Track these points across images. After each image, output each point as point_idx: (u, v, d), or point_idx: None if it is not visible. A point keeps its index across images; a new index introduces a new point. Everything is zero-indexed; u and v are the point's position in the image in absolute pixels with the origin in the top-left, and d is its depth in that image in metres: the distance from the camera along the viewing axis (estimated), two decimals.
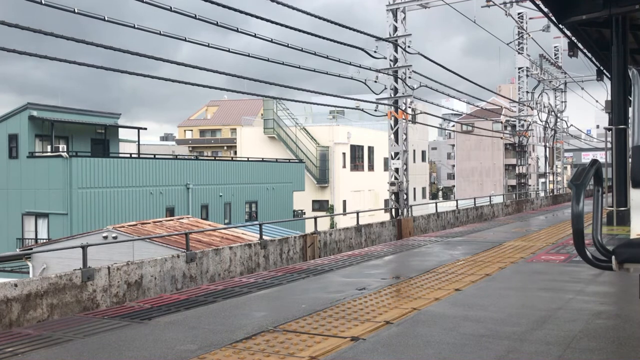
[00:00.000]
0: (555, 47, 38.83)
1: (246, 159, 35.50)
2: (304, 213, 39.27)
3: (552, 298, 6.48)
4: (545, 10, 14.53)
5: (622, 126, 14.51)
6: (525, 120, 32.59)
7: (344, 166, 42.10)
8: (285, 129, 42.01)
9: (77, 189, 24.50)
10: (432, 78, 18.50)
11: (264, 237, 11.29)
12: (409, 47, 17.37)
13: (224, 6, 10.72)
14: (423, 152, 54.77)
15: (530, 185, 33.90)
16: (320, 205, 40.82)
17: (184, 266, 9.12)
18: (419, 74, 17.81)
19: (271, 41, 12.41)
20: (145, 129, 33.96)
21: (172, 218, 19.41)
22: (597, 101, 39.98)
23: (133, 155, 29.92)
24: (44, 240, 23.93)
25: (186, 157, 38.14)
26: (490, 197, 24.57)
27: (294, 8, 12.05)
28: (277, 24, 12.01)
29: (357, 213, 14.82)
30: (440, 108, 49.73)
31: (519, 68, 31.75)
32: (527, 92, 32.42)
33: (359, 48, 15.60)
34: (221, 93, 71.64)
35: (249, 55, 12.42)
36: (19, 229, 26.48)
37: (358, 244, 13.94)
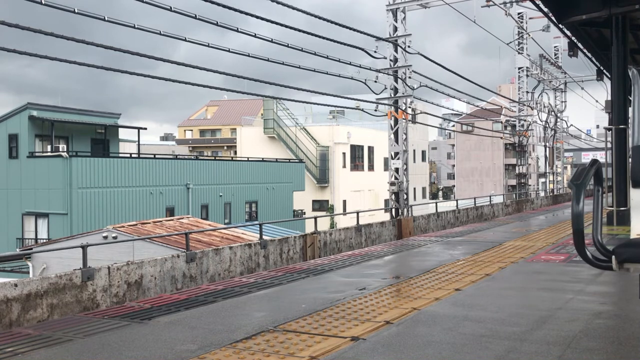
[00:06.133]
0: (555, 47, 38.84)
1: (246, 159, 35.50)
2: (304, 213, 39.27)
3: (552, 298, 6.48)
4: (545, 10, 14.52)
5: (622, 126, 14.51)
6: (525, 120, 32.58)
7: (344, 166, 42.10)
8: (285, 129, 42.00)
9: (77, 189, 24.50)
10: (432, 78, 18.53)
11: (264, 237, 11.30)
12: (408, 47, 17.38)
13: (223, 6, 10.72)
14: (423, 152, 54.78)
15: (530, 185, 33.89)
16: (320, 205, 40.81)
17: (184, 266, 9.12)
18: (419, 73, 17.83)
19: (271, 41, 12.41)
20: (145, 128, 33.99)
21: (172, 218, 19.41)
22: (597, 101, 40.02)
23: (133, 155, 29.91)
24: (44, 240, 23.92)
25: (186, 157, 38.14)
26: (490, 197, 24.57)
27: (293, 8, 12.05)
28: (276, 23, 12.01)
29: (357, 213, 14.82)
30: (440, 108, 49.75)
31: (519, 68, 31.75)
32: (527, 92, 32.40)
33: (359, 48, 15.61)
34: (221, 93, 71.71)
35: (248, 55, 12.43)
36: (19, 229, 26.48)
37: (358, 244, 13.94)
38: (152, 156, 30.18)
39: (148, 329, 5.43)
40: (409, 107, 18.52)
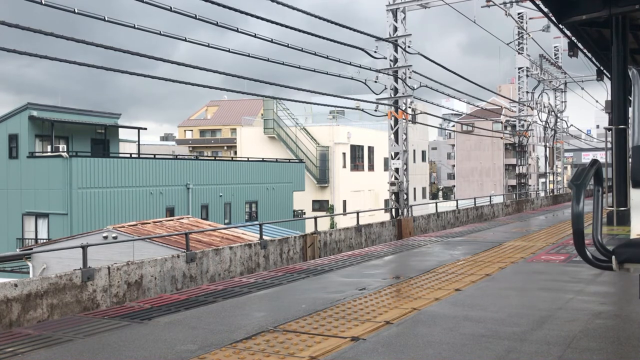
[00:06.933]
0: (555, 47, 38.85)
1: (246, 159, 35.50)
2: (304, 213, 39.27)
3: (552, 298, 6.48)
4: (545, 10, 14.53)
5: (622, 126, 14.51)
6: (525, 120, 32.59)
7: (344, 166, 42.10)
8: (285, 129, 42.01)
9: (77, 189, 24.51)
10: (432, 78, 18.53)
11: (264, 237, 11.30)
12: (409, 47, 17.38)
13: (223, 6, 10.72)
14: (423, 152, 54.78)
15: (530, 185, 33.90)
16: (320, 205, 40.81)
17: (184, 266, 9.12)
18: (419, 74, 17.84)
19: (271, 41, 12.41)
20: (145, 129, 34.01)
21: (172, 218, 19.41)
22: (597, 101, 40.03)
23: (133, 155, 29.92)
24: (44, 240, 23.92)
25: (186, 157, 38.15)
26: (490, 197, 24.58)
27: (293, 8, 12.05)
28: (276, 23, 12.01)
29: (357, 213, 14.82)
30: (440, 108, 49.75)
31: (519, 68, 31.76)
32: (527, 92, 32.42)
33: (359, 48, 15.61)
34: (221, 93, 71.74)
35: (248, 55, 12.43)
36: (19, 229, 26.48)
37: (358, 244, 13.94)
38: (152, 156, 30.19)
39: (148, 329, 5.43)
40: (409, 107, 18.53)
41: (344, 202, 41.43)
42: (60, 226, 24.68)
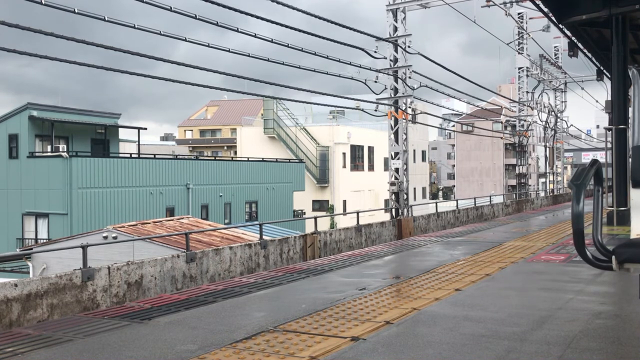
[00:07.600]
0: (555, 47, 38.86)
1: (246, 159, 35.50)
2: (304, 213, 39.27)
3: (552, 298, 6.48)
4: (545, 10, 14.53)
5: (622, 126, 14.51)
6: (525, 120, 32.59)
7: (344, 166, 42.10)
8: (285, 129, 42.01)
9: (77, 189, 24.50)
10: (432, 78, 18.53)
11: (264, 237, 11.30)
12: (409, 47, 17.38)
13: (223, 6, 10.72)
14: (423, 152, 54.78)
15: (530, 185, 33.90)
16: (320, 205, 40.81)
17: (184, 266, 9.12)
18: (419, 74, 17.84)
19: (271, 41, 12.41)
20: (146, 129, 33.99)
21: (172, 218, 19.40)
22: (597, 101, 40.03)
23: (133, 155, 29.91)
24: (44, 240, 23.92)
25: (186, 157, 38.14)
26: (490, 197, 24.57)
27: (293, 8, 12.06)
28: (276, 23, 12.01)
29: (357, 213, 14.82)
30: (440, 108, 49.74)
31: (519, 68, 31.76)
32: (527, 92, 32.42)
33: (359, 48, 15.61)
34: (221, 93, 71.74)
35: (248, 55, 12.43)
36: (19, 229, 26.48)
37: (358, 244, 13.94)
38: (152, 156, 30.19)
39: (148, 329, 5.43)
40: (409, 107, 18.53)
41: (344, 202, 41.43)
42: (60, 226, 24.67)
